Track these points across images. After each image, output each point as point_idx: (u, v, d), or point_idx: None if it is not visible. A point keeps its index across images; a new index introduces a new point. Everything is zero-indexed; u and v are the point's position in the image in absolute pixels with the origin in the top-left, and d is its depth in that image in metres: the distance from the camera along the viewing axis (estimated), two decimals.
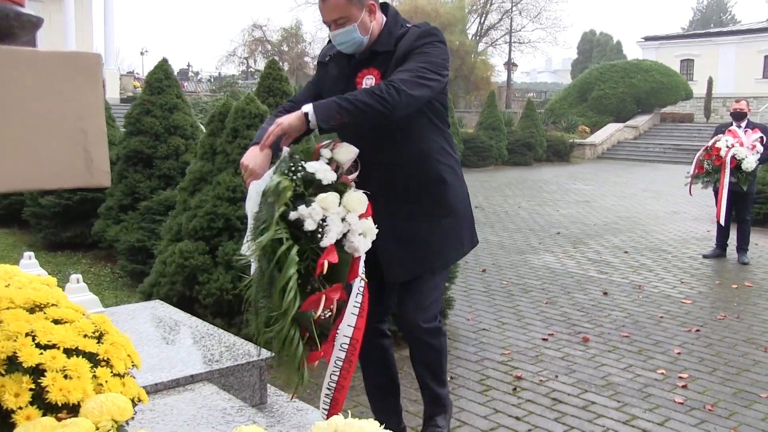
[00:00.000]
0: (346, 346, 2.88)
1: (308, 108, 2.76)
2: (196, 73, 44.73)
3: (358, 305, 2.86)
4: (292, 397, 3.12)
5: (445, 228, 3.23)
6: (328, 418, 2.63)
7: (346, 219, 2.73)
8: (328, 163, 2.79)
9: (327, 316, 2.73)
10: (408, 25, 3.10)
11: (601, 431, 4.15)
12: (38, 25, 1.58)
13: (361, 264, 2.85)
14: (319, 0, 2.97)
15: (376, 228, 2.91)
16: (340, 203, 2.72)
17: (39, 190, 8.17)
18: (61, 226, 8.48)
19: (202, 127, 8.29)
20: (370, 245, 2.83)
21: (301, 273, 2.62)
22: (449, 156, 3.26)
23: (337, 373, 2.90)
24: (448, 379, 3.61)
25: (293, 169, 2.66)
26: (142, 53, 39.21)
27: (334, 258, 2.65)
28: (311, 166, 2.70)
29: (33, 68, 1.48)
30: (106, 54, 28.60)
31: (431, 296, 3.33)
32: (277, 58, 45.08)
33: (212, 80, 42.02)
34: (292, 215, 2.60)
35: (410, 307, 3.28)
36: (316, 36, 51.41)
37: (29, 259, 3.12)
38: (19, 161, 1.49)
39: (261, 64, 46.69)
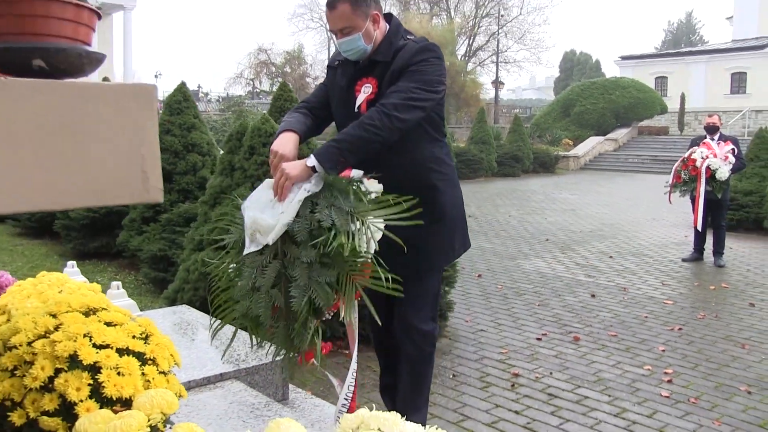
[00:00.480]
0: (355, 374, 2.85)
1: (312, 161, 2.63)
2: (206, 94, 44.72)
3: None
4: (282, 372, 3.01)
5: (433, 233, 3.12)
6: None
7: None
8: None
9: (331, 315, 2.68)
10: (409, 37, 3.09)
11: (593, 423, 4.19)
12: (102, 60, 1.64)
13: None
14: (327, 10, 2.98)
15: None
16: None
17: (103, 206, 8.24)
18: (88, 236, 8.52)
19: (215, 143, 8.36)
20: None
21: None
22: (444, 164, 3.20)
23: (349, 397, 2.82)
24: (428, 406, 3.47)
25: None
26: (156, 76, 39.25)
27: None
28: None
29: (101, 99, 1.54)
30: (125, 77, 28.65)
31: (423, 298, 3.23)
32: (280, 79, 45.17)
33: (221, 100, 41.99)
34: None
35: (403, 307, 3.19)
36: (317, 58, 51.64)
37: (72, 267, 3.17)
38: (86, 180, 1.55)
39: (266, 85, 46.82)
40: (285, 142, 2.87)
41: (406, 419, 2.73)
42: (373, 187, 2.69)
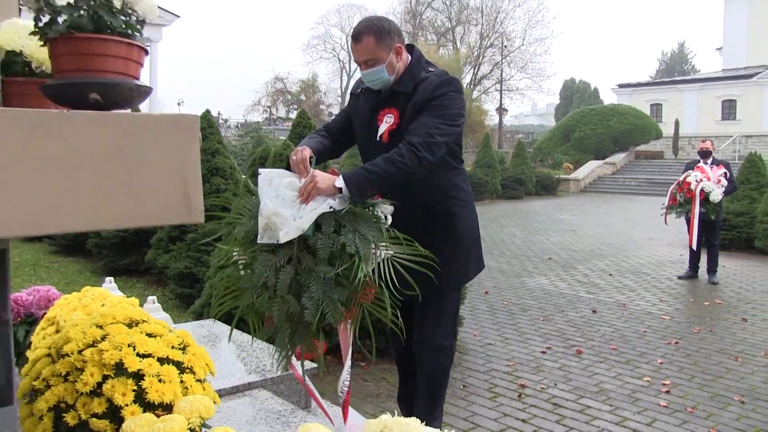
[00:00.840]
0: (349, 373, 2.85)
1: (341, 183, 2.63)
2: (225, 120, 44.98)
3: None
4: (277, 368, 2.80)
5: (452, 255, 3.14)
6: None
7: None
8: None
9: None
10: (431, 70, 3.07)
11: (596, 431, 4.22)
12: (149, 93, 1.71)
13: None
14: (352, 42, 2.98)
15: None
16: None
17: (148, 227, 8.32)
18: (119, 254, 8.60)
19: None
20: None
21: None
22: (461, 191, 3.24)
23: (344, 391, 2.83)
24: (442, 415, 3.46)
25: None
26: (179, 104, 39.48)
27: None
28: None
29: (149, 128, 1.61)
30: (150, 106, 28.90)
31: (442, 316, 3.26)
32: (296, 106, 45.42)
33: (239, 126, 42.25)
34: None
35: (423, 324, 3.23)
36: (330, 87, 51.88)
37: (111, 283, 3.23)
38: (136, 202, 1.62)
39: (282, 112, 47.08)
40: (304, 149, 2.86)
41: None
42: (386, 209, 2.68)
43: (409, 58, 3.07)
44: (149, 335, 2.12)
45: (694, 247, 9.02)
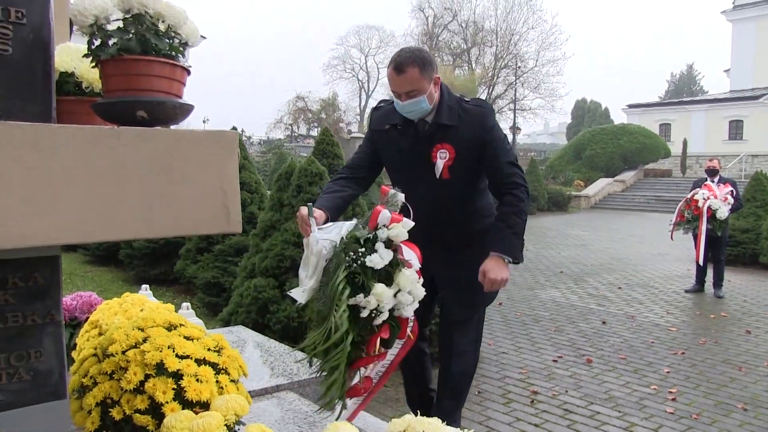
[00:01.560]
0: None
1: (505, 258, 2.88)
2: (249, 138, 45.28)
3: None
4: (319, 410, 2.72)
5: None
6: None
7: (398, 296, 2.42)
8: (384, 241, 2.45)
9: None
10: (461, 97, 3.03)
11: None
12: (191, 110, 1.78)
13: (409, 323, 2.61)
14: (394, 74, 2.83)
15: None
16: (392, 282, 2.41)
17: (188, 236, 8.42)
18: (149, 265, 8.71)
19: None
20: (416, 307, 2.51)
21: (354, 341, 2.38)
22: (492, 207, 3.21)
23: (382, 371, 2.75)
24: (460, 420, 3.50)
25: (354, 259, 2.37)
26: (204, 122, 39.81)
27: (386, 334, 2.47)
28: (370, 261, 2.35)
29: (191, 144, 1.68)
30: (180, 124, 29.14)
31: (470, 326, 3.29)
32: (317, 124, 45.66)
33: (262, 143, 42.50)
34: (351, 301, 2.33)
35: (450, 332, 3.25)
36: (349, 105, 52.09)
37: (146, 290, 3.30)
38: (179, 212, 1.68)
39: (303, 129, 47.30)
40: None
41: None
42: (399, 197, 2.57)
43: (439, 90, 2.99)
44: (187, 338, 2.18)
45: (701, 263, 9.00)
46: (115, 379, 2.02)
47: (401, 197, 2.54)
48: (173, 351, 2.06)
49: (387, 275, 2.40)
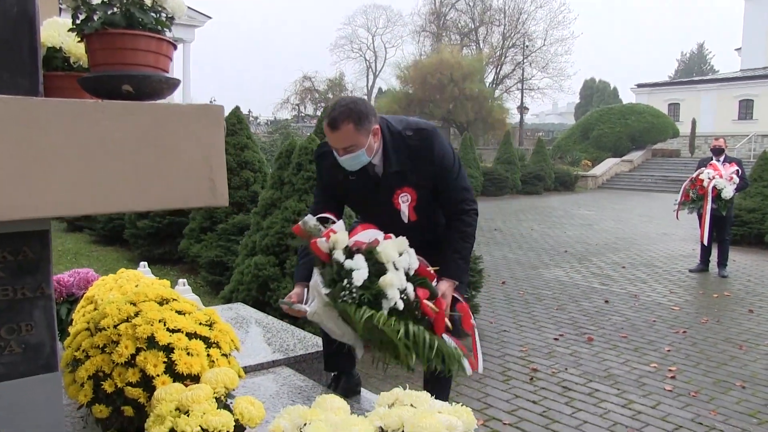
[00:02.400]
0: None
1: (455, 282, 2.89)
2: (256, 118, 45.20)
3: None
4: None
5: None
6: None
7: (398, 266, 2.49)
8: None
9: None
10: (402, 132, 2.88)
11: (603, 413, 4.24)
12: (178, 85, 1.79)
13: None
14: (328, 130, 2.73)
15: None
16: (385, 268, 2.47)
17: (174, 209, 8.46)
18: (153, 244, 8.75)
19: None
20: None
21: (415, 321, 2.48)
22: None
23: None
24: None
25: (350, 293, 2.38)
26: (211, 101, 39.79)
27: (425, 294, 2.54)
28: (357, 279, 2.37)
29: (177, 117, 1.68)
30: (184, 102, 29.17)
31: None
32: (323, 104, 45.55)
33: (269, 123, 42.43)
34: (385, 310, 2.39)
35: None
36: (356, 85, 51.94)
37: (144, 267, 3.33)
38: (165, 186, 1.69)
39: (310, 110, 47.21)
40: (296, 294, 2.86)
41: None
42: (340, 228, 2.59)
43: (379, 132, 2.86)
44: (179, 312, 2.20)
45: (705, 242, 8.97)
46: (107, 353, 2.05)
47: (312, 221, 2.59)
48: (164, 325, 2.08)
49: (377, 269, 2.44)
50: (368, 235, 2.57)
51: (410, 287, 2.47)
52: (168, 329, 2.07)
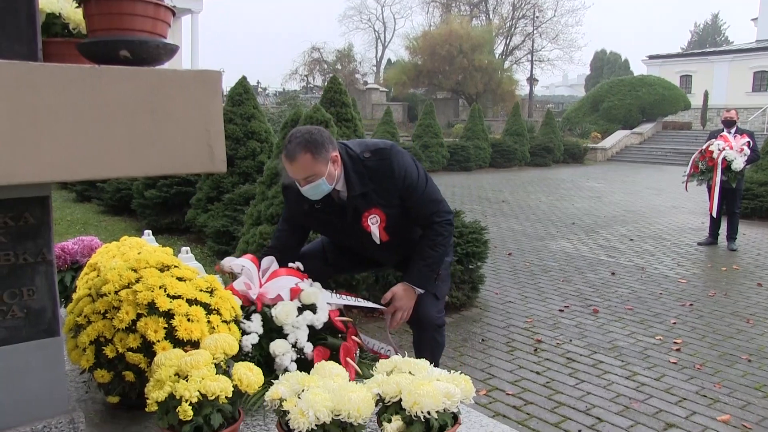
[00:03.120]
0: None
1: (414, 289, 3.01)
2: (264, 89, 45.03)
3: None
4: None
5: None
6: None
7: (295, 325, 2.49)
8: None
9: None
10: (361, 156, 2.89)
11: (606, 384, 4.27)
12: (176, 51, 1.78)
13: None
14: (286, 162, 2.75)
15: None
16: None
17: (172, 175, 8.47)
18: (161, 214, 8.79)
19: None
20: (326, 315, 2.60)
21: None
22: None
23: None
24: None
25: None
26: (222, 72, 39.54)
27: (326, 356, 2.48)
28: (244, 343, 2.36)
29: (175, 83, 1.67)
30: None
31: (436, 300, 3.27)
32: (332, 75, 45.32)
33: (277, 95, 42.30)
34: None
35: (425, 306, 3.17)
36: (365, 56, 51.60)
37: (148, 235, 3.34)
38: (162, 151, 1.69)
39: (319, 81, 46.98)
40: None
41: None
42: (312, 297, 2.62)
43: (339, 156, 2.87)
44: (179, 279, 2.21)
45: (715, 215, 8.94)
46: (108, 319, 2.06)
47: (227, 265, 2.70)
48: (165, 291, 2.09)
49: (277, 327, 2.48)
50: (278, 285, 2.63)
51: (309, 347, 2.44)
52: (168, 295, 2.08)
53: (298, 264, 2.89)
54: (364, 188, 2.88)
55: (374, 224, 2.96)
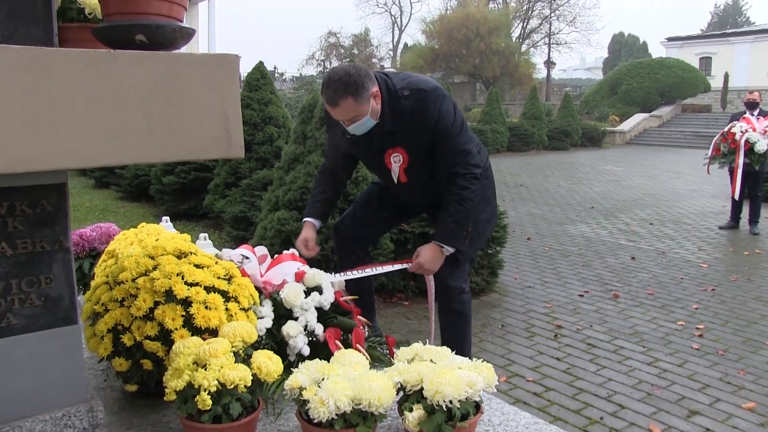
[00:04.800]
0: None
1: (441, 247, 2.95)
2: (281, 74, 45.03)
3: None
4: None
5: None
6: None
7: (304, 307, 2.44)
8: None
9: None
10: (401, 91, 2.83)
11: (628, 370, 4.21)
12: (192, 35, 1.74)
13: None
14: (328, 107, 2.74)
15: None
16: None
17: (190, 161, 8.49)
18: (179, 200, 8.81)
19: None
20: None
21: None
22: None
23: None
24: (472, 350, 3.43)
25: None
26: (239, 56, 39.52)
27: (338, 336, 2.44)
28: (259, 328, 2.30)
29: (192, 67, 1.64)
30: None
31: (463, 267, 3.24)
32: (348, 59, 45.18)
33: (294, 80, 42.28)
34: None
35: (445, 276, 3.14)
36: (382, 41, 51.37)
37: (166, 222, 3.32)
38: (180, 137, 1.66)
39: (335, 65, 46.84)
40: (307, 238, 3.15)
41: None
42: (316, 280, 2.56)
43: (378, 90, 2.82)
44: (197, 266, 2.18)
45: (737, 197, 8.80)
46: (125, 306, 2.04)
47: (226, 256, 2.62)
48: (182, 279, 2.07)
49: (286, 312, 2.45)
50: (282, 271, 2.61)
51: (319, 328, 2.40)
52: (186, 283, 2.06)
53: (293, 250, 2.90)
54: (394, 126, 2.85)
55: (396, 163, 2.96)
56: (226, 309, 2.12)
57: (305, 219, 3.23)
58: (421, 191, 3.11)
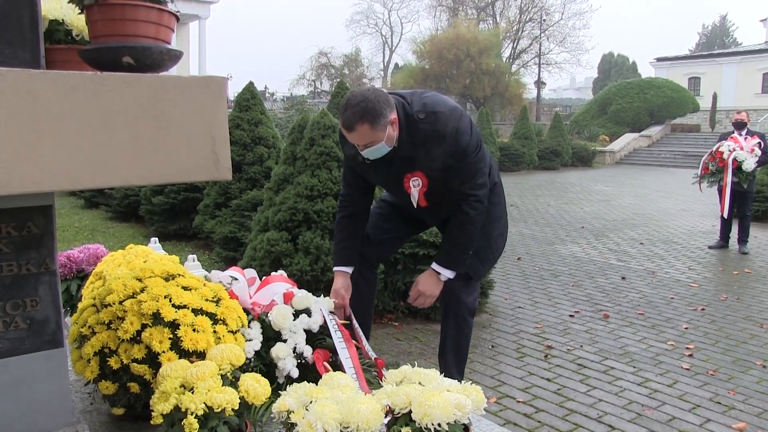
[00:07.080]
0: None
1: (444, 275, 3.01)
2: (272, 94, 45.06)
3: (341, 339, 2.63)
4: None
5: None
6: None
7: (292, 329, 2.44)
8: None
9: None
10: (416, 115, 2.79)
11: (618, 391, 4.20)
12: (180, 57, 1.74)
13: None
14: (345, 132, 2.70)
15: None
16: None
17: (177, 183, 8.48)
18: (169, 220, 8.78)
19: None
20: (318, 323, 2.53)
21: None
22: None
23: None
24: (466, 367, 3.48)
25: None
26: (227, 78, 39.64)
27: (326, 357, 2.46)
28: (247, 350, 2.30)
29: (179, 89, 1.64)
30: None
31: (475, 286, 3.33)
32: (339, 80, 45.35)
33: (285, 99, 42.33)
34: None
35: (458, 289, 3.18)
36: (372, 61, 51.61)
37: (155, 243, 3.31)
38: (166, 159, 1.66)
39: (326, 85, 47.02)
40: (342, 288, 3.04)
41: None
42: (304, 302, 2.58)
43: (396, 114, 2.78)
44: (185, 288, 2.18)
45: (726, 216, 8.85)
46: (112, 329, 2.03)
47: (215, 278, 2.60)
48: (170, 301, 2.06)
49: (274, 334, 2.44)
50: (271, 291, 2.63)
51: (308, 351, 2.41)
52: (174, 305, 2.05)
53: (282, 271, 2.91)
54: (411, 151, 2.82)
55: (415, 187, 2.92)
56: (214, 331, 2.11)
57: (335, 268, 3.13)
58: (442, 211, 3.12)
